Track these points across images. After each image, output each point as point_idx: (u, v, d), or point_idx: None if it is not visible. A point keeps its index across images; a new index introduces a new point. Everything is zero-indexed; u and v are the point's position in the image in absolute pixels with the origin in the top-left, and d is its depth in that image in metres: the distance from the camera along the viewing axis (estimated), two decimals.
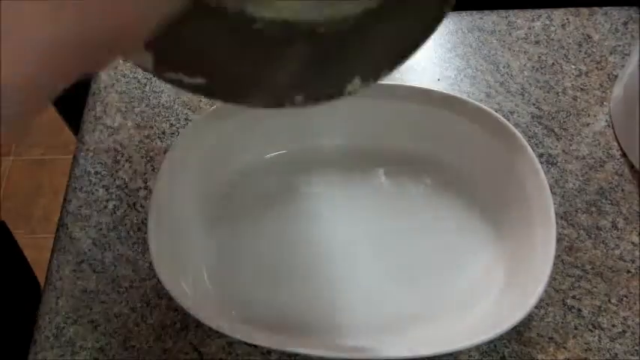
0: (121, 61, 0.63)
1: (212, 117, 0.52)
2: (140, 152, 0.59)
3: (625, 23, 0.66)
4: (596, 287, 0.50)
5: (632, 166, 0.56)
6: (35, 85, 0.14)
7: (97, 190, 0.56)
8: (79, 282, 0.51)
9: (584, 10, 0.67)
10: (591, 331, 0.48)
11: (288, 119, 0.54)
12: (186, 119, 0.60)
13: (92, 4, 0.14)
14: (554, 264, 0.44)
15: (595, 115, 0.60)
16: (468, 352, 0.47)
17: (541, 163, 0.52)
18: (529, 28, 0.66)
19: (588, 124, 0.59)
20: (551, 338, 0.48)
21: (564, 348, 0.47)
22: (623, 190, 0.55)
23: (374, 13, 0.35)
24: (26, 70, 0.13)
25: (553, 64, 0.63)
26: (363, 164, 0.56)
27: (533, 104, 0.60)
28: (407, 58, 0.36)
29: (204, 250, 0.51)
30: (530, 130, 0.59)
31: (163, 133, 0.60)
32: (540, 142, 0.58)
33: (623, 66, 0.62)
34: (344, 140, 0.55)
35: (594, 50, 0.64)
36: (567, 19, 0.66)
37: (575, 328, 0.48)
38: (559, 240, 0.52)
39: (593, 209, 0.54)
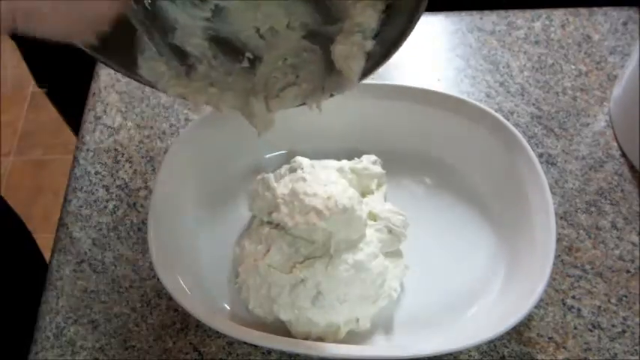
0: None
1: (212, 117, 0.52)
2: (140, 152, 0.59)
3: (625, 23, 0.66)
4: (595, 287, 0.50)
5: (632, 166, 0.56)
6: None
7: (97, 190, 0.56)
8: (79, 282, 0.51)
9: (584, 11, 0.67)
10: (591, 331, 0.48)
11: (289, 120, 0.54)
12: (186, 119, 0.60)
13: None
14: (554, 264, 0.44)
15: (595, 115, 0.60)
16: (467, 352, 0.47)
17: (541, 163, 0.52)
18: (529, 29, 0.66)
19: (588, 124, 0.59)
20: (551, 338, 0.48)
21: (564, 348, 0.47)
22: (623, 190, 0.55)
23: None
24: None
25: (553, 64, 0.63)
26: None
27: (533, 104, 0.60)
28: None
29: (204, 250, 0.51)
30: (530, 130, 0.59)
31: (163, 133, 0.60)
32: (540, 142, 0.58)
33: (623, 66, 0.62)
34: (344, 141, 0.55)
35: (594, 50, 0.64)
36: (567, 19, 0.66)
37: (575, 328, 0.48)
38: (559, 240, 0.52)
39: (593, 209, 0.54)
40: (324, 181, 0.48)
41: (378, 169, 0.53)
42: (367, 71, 0.38)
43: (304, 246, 0.47)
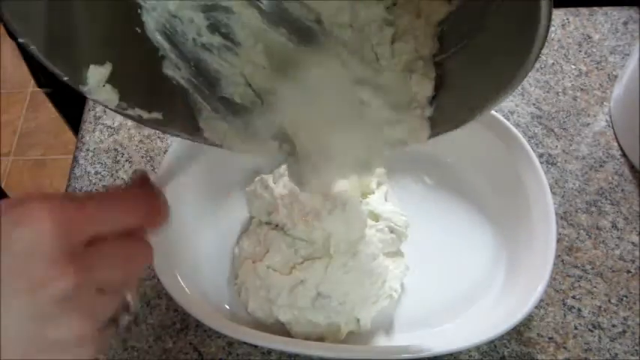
0: None
1: None
2: (140, 152, 0.59)
3: (625, 23, 0.66)
4: (596, 287, 0.50)
5: (632, 166, 0.56)
6: None
7: (97, 190, 0.56)
8: None
9: (584, 10, 0.67)
10: (591, 331, 0.48)
11: None
12: None
13: None
14: (554, 264, 0.44)
15: (595, 115, 0.60)
16: (468, 352, 0.47)
17: (541, 163, 0.52)
18: None
19: (588, 124, 0.59)
20: (551, 338, 0.48)
21: (564, 348, 0.47)
22: (623, 190, 0.55)
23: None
24: None
25: (553, 64, 0.63)
26: None
27: (533, 104, 0.60)
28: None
29: (204, 251, 0.51)
30: (530, 130, 0.59)
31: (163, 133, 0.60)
32: (540, 142, 0.58)
33: (623, 66, 0.62)
34: None
35: (594, 50, 0.64)
36: (567, 19, 0.66)
37: (575, 328, 0.48)
38: (559, 240, 0.52)
39: (593, 209, 0.54)
40: None
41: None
42: (433, 135, 0.38)
43: (304, 247, 0.47)
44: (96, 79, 0.34)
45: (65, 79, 0.33)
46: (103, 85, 0.35)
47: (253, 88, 0.40)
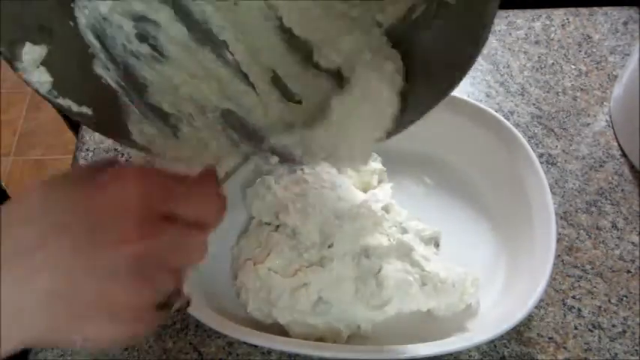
0: None
1: None
2: (140, 152, 0.58)
3: (625, 23, 0.66)
4: (596, 287, 0.50)
5: (632, 166, 0.56)
6: None
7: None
8: None
9: (584, 10, 0.67)
10: (591, 331, 0.48)
11: None
12: None
13: None
14: (554, 264, 0.44)
15: (595, 115, 0.60)
16: (468, 352, 0.47)
17: (541, 163, 0.52)
18: (529, 28, 0.66)
19: (588, 124, 0.59)
20: (551, 338, 0.48)
21: (564, 348, 0.47)
22: (623, 190, 0.55)
23: None
24: None
25: (553, 64, 0.63)
26: None
27: (533, 104, 0.60)
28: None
29: None
30: (530, 130, 0.59)
31: None
32: (540, 142, 0.58)
33: (623, 66, 0.62)
34: None
35: (594, 50, 0.64)
36: (567, 19, 0.66)
37: (575, 328, 0.48)
38: (559, 240, 0.52)
39: (593, 209, 0.54)
40: (329, 183, 0.48)
41: (378, 165, 0.53)
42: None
43: (307, 250, 0.47)
44: (31, 56, 0.34)
45: (2, 49, 0.33)
46: (38, 67, 0.35)
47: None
